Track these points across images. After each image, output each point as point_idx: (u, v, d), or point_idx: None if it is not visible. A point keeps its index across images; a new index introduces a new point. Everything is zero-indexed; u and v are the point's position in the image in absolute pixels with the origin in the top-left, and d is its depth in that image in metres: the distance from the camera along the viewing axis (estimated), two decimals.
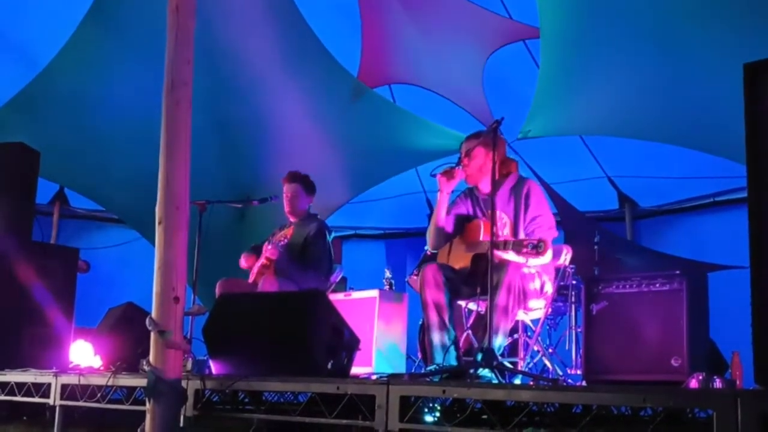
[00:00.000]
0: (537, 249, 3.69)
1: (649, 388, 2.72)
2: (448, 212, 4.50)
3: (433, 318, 4.13)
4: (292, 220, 5.60)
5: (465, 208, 4.55)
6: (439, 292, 4.14)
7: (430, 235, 4.54)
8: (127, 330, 5.39)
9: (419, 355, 5.83)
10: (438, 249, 4.57)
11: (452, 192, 4.45)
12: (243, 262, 5.57)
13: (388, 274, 6.13)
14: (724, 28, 5.51)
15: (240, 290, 5.23)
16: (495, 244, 3.81)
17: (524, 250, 3.73)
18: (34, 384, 4.67)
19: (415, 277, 5.55)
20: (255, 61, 7.57)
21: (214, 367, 4.01)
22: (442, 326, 4.12)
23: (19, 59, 7.55)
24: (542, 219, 4.23)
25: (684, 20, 5.68)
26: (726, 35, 5.50)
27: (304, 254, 5.35)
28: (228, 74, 7.58)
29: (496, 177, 3.99)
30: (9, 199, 5.68)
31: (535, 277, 4.27)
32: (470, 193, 4.59)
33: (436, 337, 4.12)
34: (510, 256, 3.99)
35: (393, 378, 3.24)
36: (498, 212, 4.20)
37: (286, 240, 5.42)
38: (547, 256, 3.97)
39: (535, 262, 4.09)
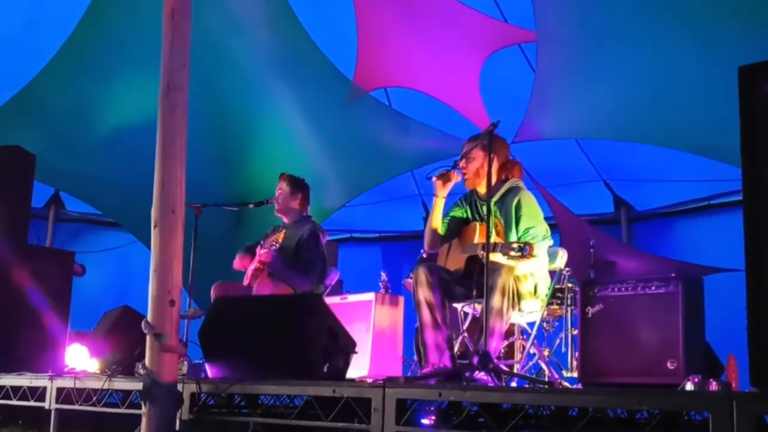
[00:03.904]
0: (522, 252, 3.73)
1: (645, 390, 2.72)
2: (446, 215, 4.50)
3: (426, 317, 4.13)
4: (283, 219, 5.58)
5: (463, 210, 4.56)
6: (430, 291, 4.13)
7: (426, 238, 4.54)
8: (123, 333, 5.39)
9: (415, 357, 5.83)
10: (434, 251, 4.58)
11: (450, 195, 4.45)
12: (237, 263, 5.54)
13: (384, 277, 6.11)
14: (718, 32, 5.53)
15: (236, 293, 5.22)
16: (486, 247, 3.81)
17: (511, 252, 3.77)
18: (30, 388, 4.65)
19: (410, 280, 5.55)
20: (251, 64, 7.58)
21: (209, 371, 4.00)
22: (435, 325, 4.10)
23: (17, 60, 7.53)
24: (535, 230, 4.18)
25: (679, 24, 5.70)
26: (721, 38, 5.52)
27: (296, 257, 5.33)
28: (224, 77, 7.58)
29: (493, 180, 4.00)
30: (4, 202, 5.65)
31: (529, 279, 4.27)
32: (469, 196, 4.59)
33: (430, 337, 4.11)
34: (499, 258, 4.00)
35: (389, 381, 3.24)
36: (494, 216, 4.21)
37: (277, 244, 5.40)
38: (534, 260, 3.96)
39: (523, 264, 4.10)
